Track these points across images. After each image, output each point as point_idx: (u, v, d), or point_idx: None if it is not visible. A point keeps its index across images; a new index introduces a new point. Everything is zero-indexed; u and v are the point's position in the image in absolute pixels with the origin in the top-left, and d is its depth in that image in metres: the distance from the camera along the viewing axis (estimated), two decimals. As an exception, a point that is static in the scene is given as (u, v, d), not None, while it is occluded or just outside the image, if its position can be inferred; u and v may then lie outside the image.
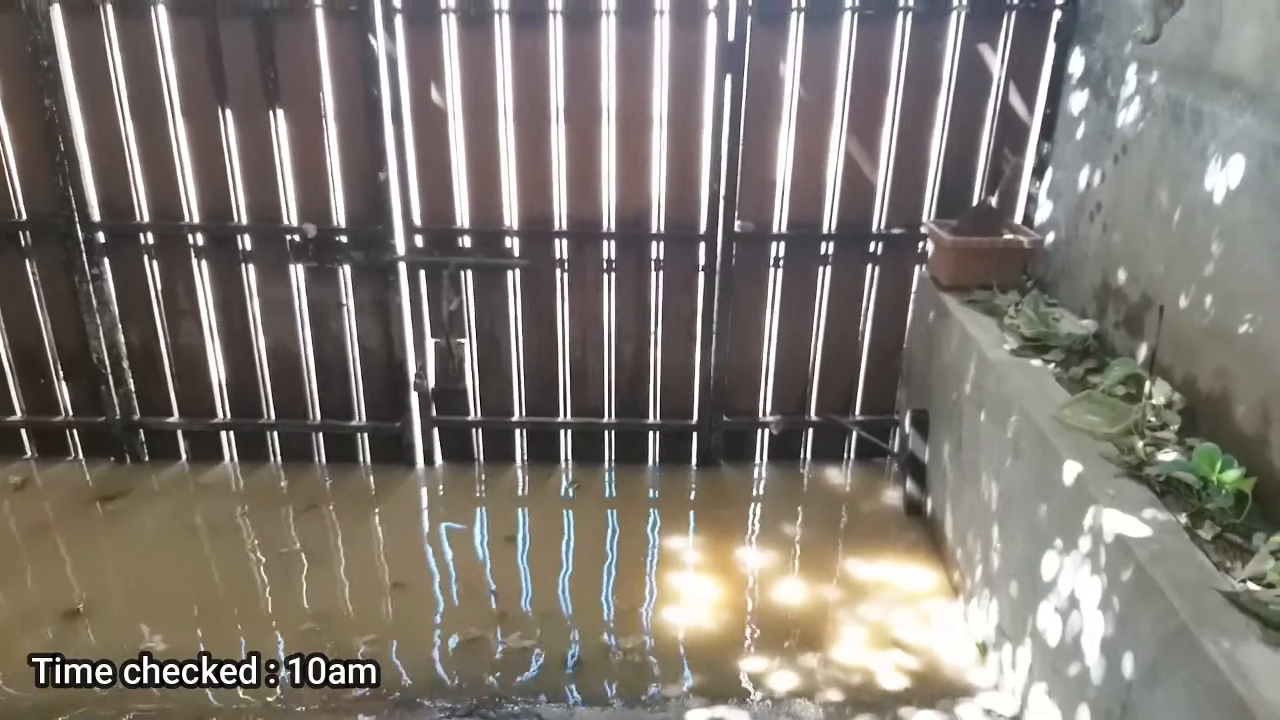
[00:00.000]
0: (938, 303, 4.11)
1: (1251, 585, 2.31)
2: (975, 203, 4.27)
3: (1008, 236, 4.10)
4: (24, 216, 4.31)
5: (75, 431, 4.79)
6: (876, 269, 4.48)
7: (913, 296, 4.50)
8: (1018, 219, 4.32)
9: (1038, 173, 4.24)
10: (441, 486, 4.68)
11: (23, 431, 4.80)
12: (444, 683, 3.36)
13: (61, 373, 4.64)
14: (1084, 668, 2.70)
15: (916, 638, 3.59)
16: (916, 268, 4.45)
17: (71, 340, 4.53)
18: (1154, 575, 2.35)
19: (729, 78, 4.06)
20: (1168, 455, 2.82)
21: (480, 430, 4.77)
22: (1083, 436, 2.98)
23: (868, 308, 4.56)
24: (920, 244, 4.41)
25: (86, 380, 4.61)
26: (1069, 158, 3.98)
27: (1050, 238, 4.09)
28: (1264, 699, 1.95)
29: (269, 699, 3.27)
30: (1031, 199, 4.29)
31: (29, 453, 4.83)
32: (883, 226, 4.38)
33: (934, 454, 4.16)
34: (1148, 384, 3.13)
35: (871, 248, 4.43)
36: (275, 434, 4.77)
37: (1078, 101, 3.95)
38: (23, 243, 4.37)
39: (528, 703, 3.25)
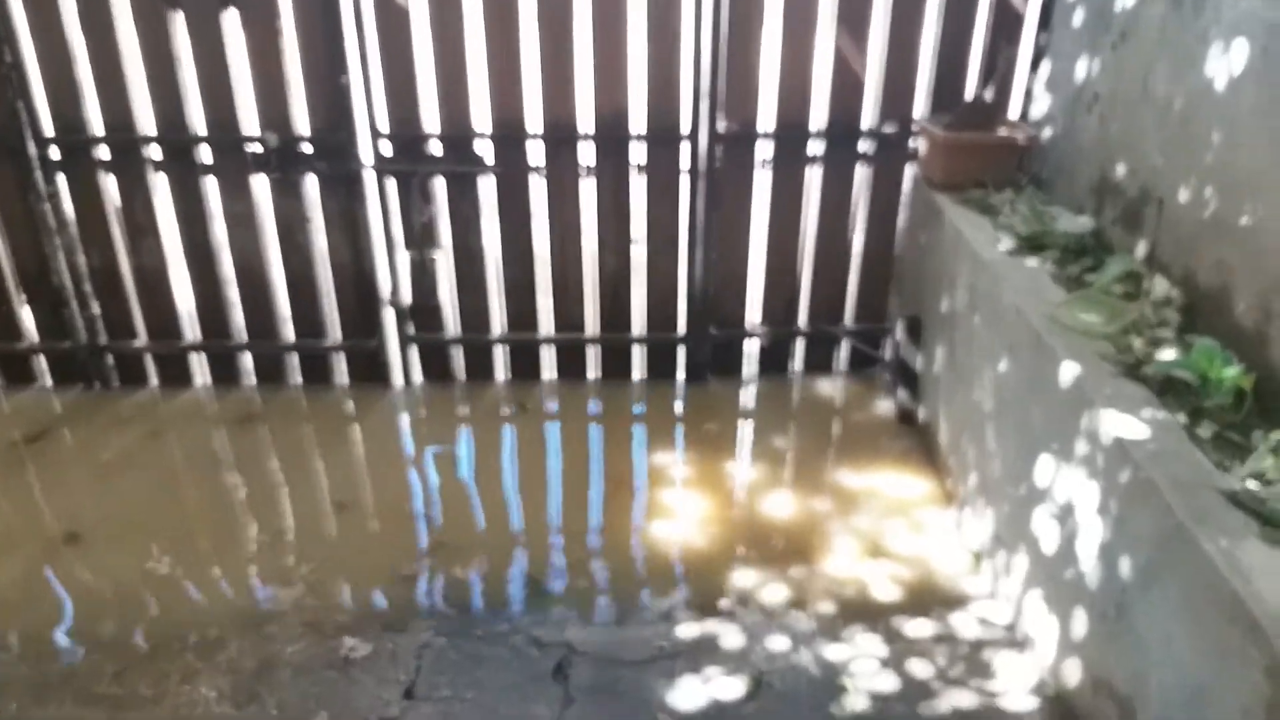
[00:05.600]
0: (930, 203, 3.95)
1: (1250, 483, 2.23)
2: (969, 97, 4.08)
3: (1002, 132, 3.92)
4: (-30, 133, 4.11)
5: (43, 357, 4.64)
6: (868, 169, 4.30)
7: (905, 198, 4.32)
8: (1013, 114, 4.12)
9: (1034, 64, 4.03)
10: (422, 407, 4.56)
11: (-13, 358, 4.66)
12: (431, 605, 3.29)
13: (24, 297, 4.48)
14: (1079, 573, 2.63)
15: (909, 547, 3.52)
16: (909, 167, 4.27)
17: (30, 262, 4.36)
18: (1152, 475, 2.26)
19: (710, -34, 3.84)
20: (1166, 353, 2.71)
21: (460, 348, 4.63)
22: (1079, 336, 2.86)
23: (858, 210, 4.38)
24: (912, 142, 4.22)
25: (49, 304, 4.45)
26: (1066, 47, 3.78)
27: (1047, 132, 3.91)
28: (1261, 595, 1.88)
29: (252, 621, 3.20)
30: (1028, 93, 4.09)
31: (-4, 380, 4.70)
32: (874, 124, 4.19)
33: (927, 360, 4.04)
34: (1145, 280, 3.00)
35: (861, 147, 4.25)
36: (248, 355, 4.64)
37: (1076, -15, 3.73)
38: (-29, 161, 4.18)
39: (516, 620, 3.18)
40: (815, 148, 4.24)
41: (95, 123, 4.11)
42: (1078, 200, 3.63)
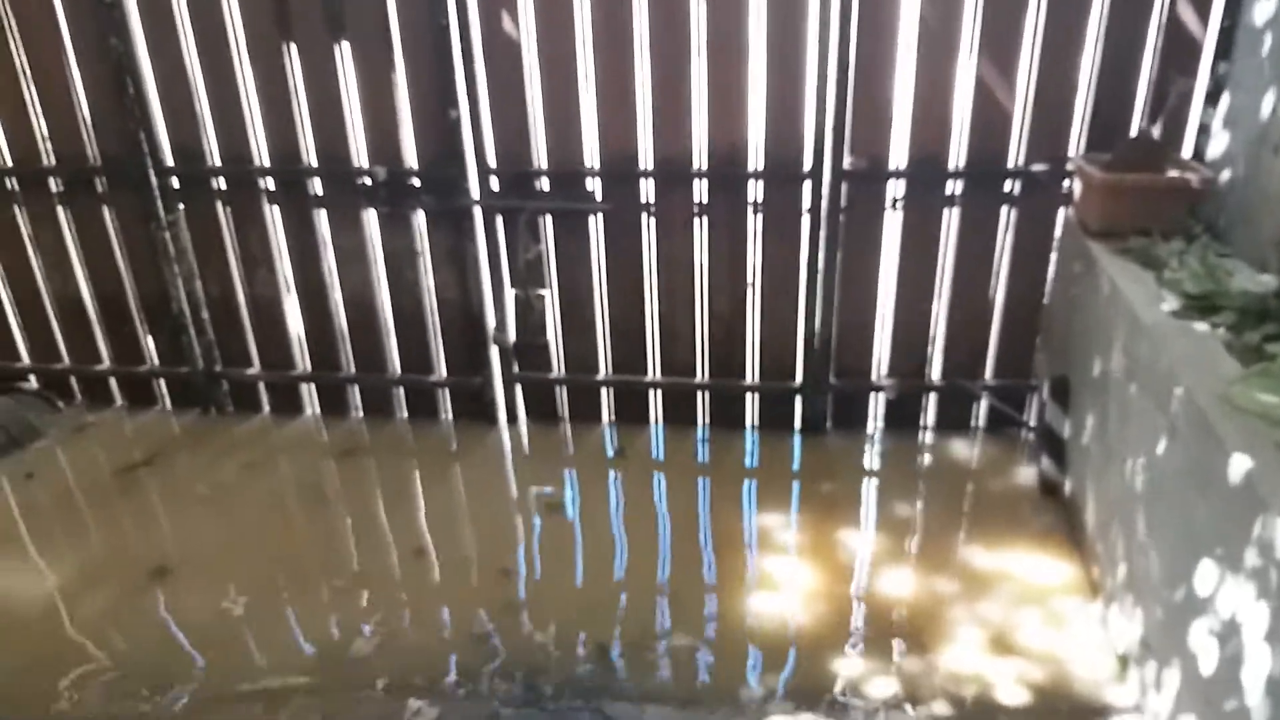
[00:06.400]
0: (1085, 252, 3.52)
1: None
2: (1133, 134, 3.64)
3: (1172, 173, 3.46)
4: (98, 160, 4.22)
5: (162, 381, 4.73)
6: (1012, 211, 3.90)
7: (1055, 244, 3.90)
8: (1185, 153, 3.66)
9: (1211, 98, 3.56)
10: (524, 447, 4.43)
11: (112, 380, 4.77)
12: (507, 669, 3.07)
13: (145, 322, 4.58)
14: (1244, 707, 2.19)
15: (1044, 643, 3.09)
16: (1061, 210, 3.85)
17: (152, 289, 4.46)
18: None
19: (838, -10, 3.55)
20: (1372, 451, 2.25)
21: (564, 387, 4.46)
22: (1256, 421, 2.41)
23: (1001, 256, 3.98)
24: (1065, 183, 3.80)
25: (169, 330, 4.53)
26: (1250, 79, 3.31)
27: (1225, 175, 3.43)
28: None
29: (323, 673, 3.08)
30: (1203, 129, 3.62)
31: (118, 401, 4.82)
32: (1020, 162, 3.79)
33: (1076, 427, 3.59)
34: (1347, 357, 2.53)
35: (1006, 187, 3.86)
36: (356, 387, 4.60)
37: (1263, 10, 3.27)
38: (99, 188, 4.29)
39: (593, 697, 2.93)
40: (953, 187, 3.87)
41: (213, 153, 4.15)
42: (1260, 255, 3.14)
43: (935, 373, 4.24)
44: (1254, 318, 2.89)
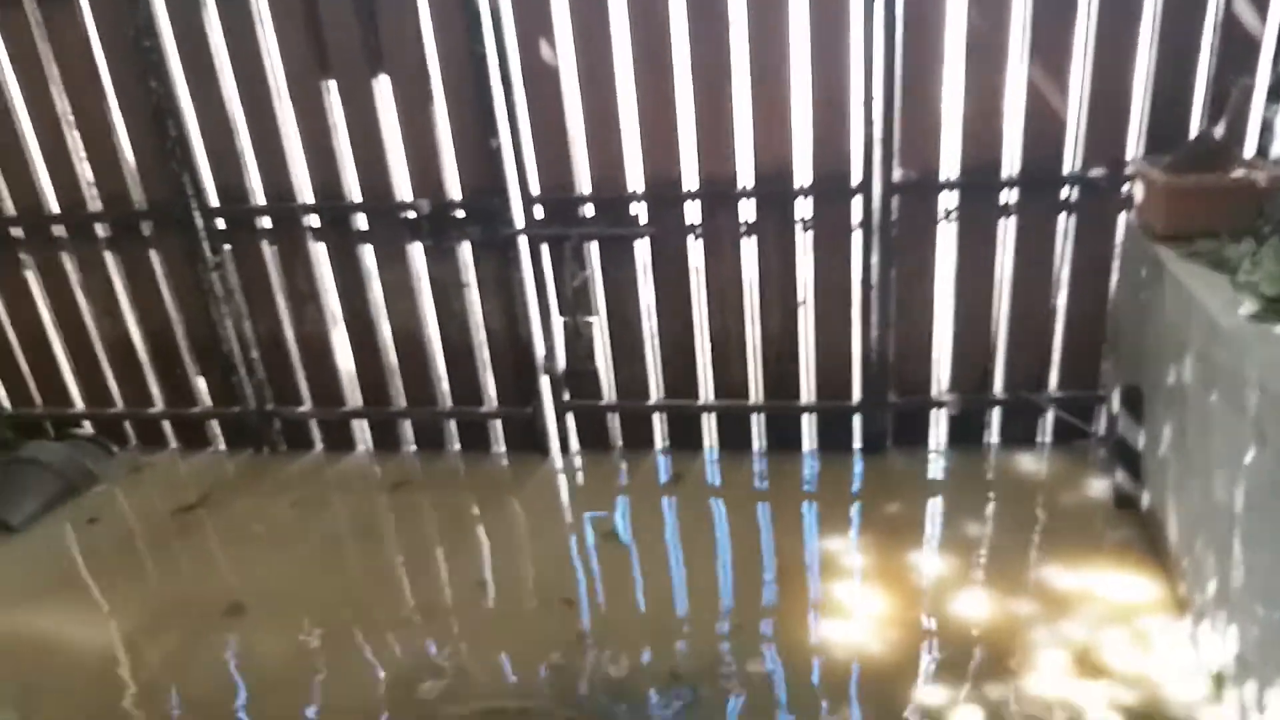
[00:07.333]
0: (1150, 257, 3.39)
1: None
2: (1195, 134, 3.52)
3: (1238, 173, 3.33)
4: (144, 205, 4.24)
5: (215, 422, 4.74)
6: (1071, 218, 3.78)
7: (1118, 250, 3.77)
8: (1249, 151, 3.52)
9: (1273, 94, 3.44)
10: (578, 476, 4.38)
11: (165, 423, 4.79)
12: (573, 701, 3.01)
13: (196, 364, 4.59)
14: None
15: (1132, 664, 2.95)
16: (1122, 215, 3.72)
17: (201, 330, 4.46)
18: None
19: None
20: None
21: (616, 414, 4.40)
22: (1354, 427, 2.29)
23: (1062, 265, 3.86)
24: (1126, 187, 3.68)
25: (220, 370, 4.54)
26: (1319, 71, 3.18)
27: (1295, 171, 3.30)
28: None
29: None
30: (1265, 127, 3.49)
31: (172, 444, 4.83)
32: (1077, 168, 3.68)
33: (1151, 438, 3.46)
34: None
35: (1064, 194, 3.74)
36: (407, 421, 4.57)
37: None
38: (145, 232, 4.32)
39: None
40: (1008, 196, 3.76)
41: (256, 192, 4.15)
42: (1340, 251, 3.00)
43: (998, 386, 4.11)
44: (1338, 318, 2.76)
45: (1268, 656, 2.53)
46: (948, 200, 3.80)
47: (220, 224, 4.23)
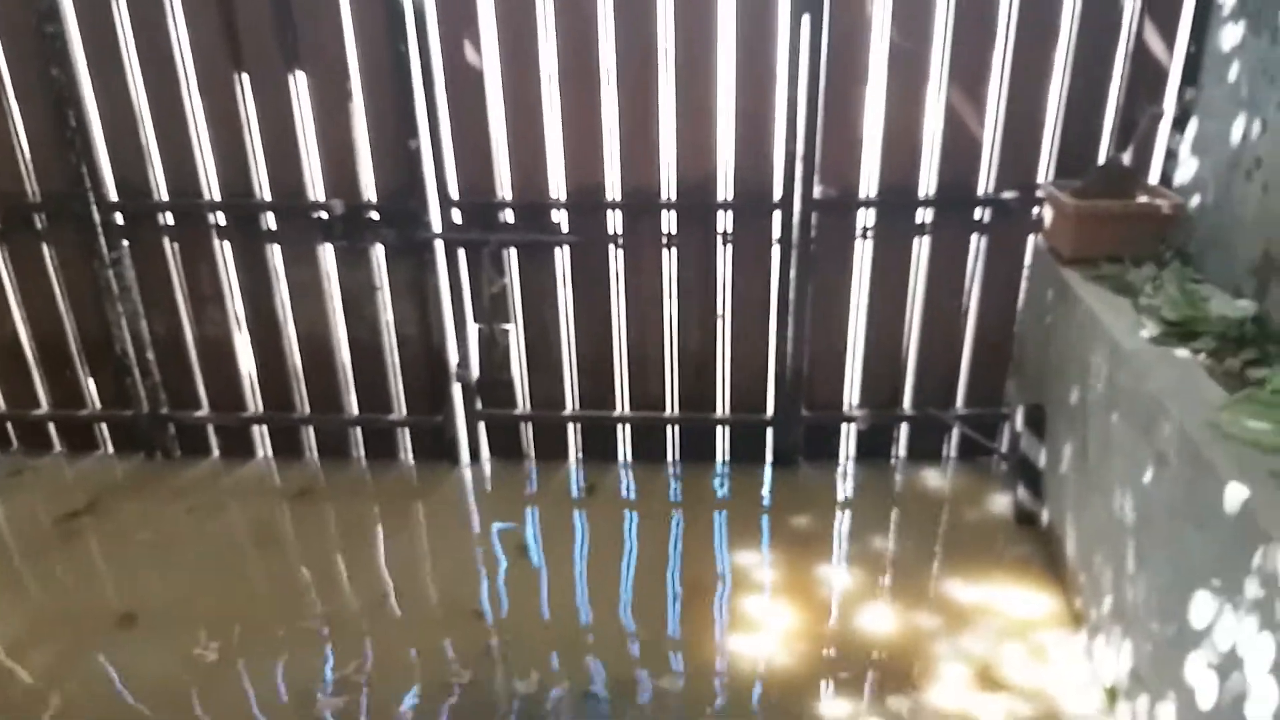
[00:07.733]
0: (1057, 279, 3.49)
1: None
2: (1103, 160, 3.64)
3: (1143, 199, 3.45)
4: (38, 197, 4.02)
5: (104, 425, 4.51)
6: (983, 239, 3.87)
7: (1026, 271, 3.87)
8: (1154, 178, 3.66)
9: (1179, 124, 3.57)
10: (488, 486, 4.28)
11: (50, 425, 4.54)
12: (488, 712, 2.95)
13: (86, 364, 4.36)
14: (1252, 743, 2.13)
15: (1030, 677, 3.02)
16: (1031, 238, 3.83)
17: (94, 329, 4.24)
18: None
19: (807, 18, 3.49)
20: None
21: (530, 424, 4.33)
22: (1248, 449, 2.37)
23: (972, 285, 3.95)
24: (1036, 210, 3.78)
25: (112, 372, 4.31)
26: (1219, 104, 3.32)
27: (1195, 200, 3.43)
28: None
29: None
30: (1171, 155, 3.62)
31: (57, 447, 4.58)
32: (990, 190, 3.77)
33: (1052, 456, 3.55)
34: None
35: (977, 214, 3.83)
36: (310, 428, 4.42)
37: (1230, 35, 3.27)
38: (38, 225, 4.09)
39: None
40: (924, 215, 3.84)
41: (159, 186, 3.97)
42: (1234, 280, 3.13)
43: (907, 402, 4.18)
44: (1233, 343, 2.87)
45: (1160, 671, 2.59)
46: (865, 218, 3.85)
47: (119, 219, 4.02)
